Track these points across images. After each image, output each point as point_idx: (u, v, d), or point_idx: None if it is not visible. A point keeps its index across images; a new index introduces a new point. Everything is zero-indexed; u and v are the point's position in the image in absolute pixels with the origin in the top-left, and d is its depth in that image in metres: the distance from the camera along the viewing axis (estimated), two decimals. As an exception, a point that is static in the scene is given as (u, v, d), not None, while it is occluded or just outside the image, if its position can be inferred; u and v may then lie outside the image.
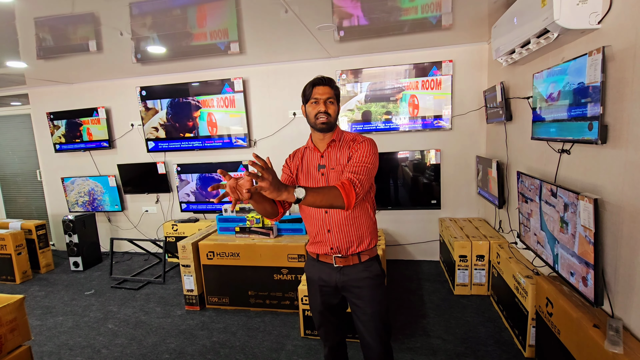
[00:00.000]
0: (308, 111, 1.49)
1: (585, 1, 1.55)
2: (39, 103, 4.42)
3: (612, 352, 1.28)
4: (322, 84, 1.46)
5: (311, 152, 1.54)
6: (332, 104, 1.46)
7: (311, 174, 1.51)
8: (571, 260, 1.60)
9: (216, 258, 2.86)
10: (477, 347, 2.24)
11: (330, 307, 1.56)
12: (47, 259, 4.02)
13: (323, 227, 1.48)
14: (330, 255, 1.49)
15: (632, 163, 1.37)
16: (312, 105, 1.46)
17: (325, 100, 1.44)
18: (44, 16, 2.19)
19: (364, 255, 1.49)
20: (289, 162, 1.61)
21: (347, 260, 1.48)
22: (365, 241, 1.49)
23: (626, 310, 1.43)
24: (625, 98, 1.39)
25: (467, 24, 2.77)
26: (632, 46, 1.35)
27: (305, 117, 1.52)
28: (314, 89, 1.46)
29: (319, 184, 1.49)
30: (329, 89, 1.46)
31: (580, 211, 1.49)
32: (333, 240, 1.47)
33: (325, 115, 1.43)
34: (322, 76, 1.50)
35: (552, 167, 1.98)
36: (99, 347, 2.47)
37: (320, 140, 1.52)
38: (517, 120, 2.55)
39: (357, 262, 1.48)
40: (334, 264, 1.48)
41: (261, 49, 3.21)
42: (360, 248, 1.48)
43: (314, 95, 1.45)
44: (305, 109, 1.51)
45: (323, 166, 1.49)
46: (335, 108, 1.48)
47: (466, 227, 3.24)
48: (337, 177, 1.44)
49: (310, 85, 1.48)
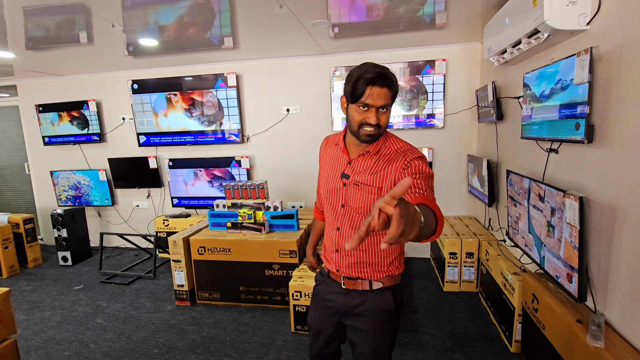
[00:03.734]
0: (351, 114, 1.13)
1: (575, 2, 1.57)
2: (28, 95, 4.34)
3: (593, 346, 1.31)
4: (381, 84, 1.07)
5: (339, 154, 1.26)
6: (386, 112, 1.12)
7: (330, 177, 1.27)
8: (556, 257, 1.63)
9: (207, 253, 2.85)
10: (464, 342, 2.28)
11: (325, 330, 1.34)
12: (35, 253, 3.96)
13: (332, 245, 1.29)
14: (339, 275, 1.28)
15: (616, 162, 1.40)
16: (360, 110, 1.11)
17: (379, 108, 1.09)
18: (33, 5, 2.15)
19: (376, 283, 1.23)
20: (322, 150, 1.38)
21: (356, 284, 1.24)
22: (380, 271, 1.23)
23: (608, 306, 1.47)
24: (611, 98, 1.42)
25: (460, 23, 2.79)
26: (619, 47, 1.37)
27: (345, 113, 1.18)
28: (368, 89, 1.07)
29: (336, 191, 1.24)
30: (388, 92, 1.09)
31: (566, 209, 1.52)
32: (339, 261, 1.26)
33: (375, 128, 1.11)
34: (382, 71, 1.07)
35: (540, 166, 2.01)
36: (87, 341, 2.45)
37: (354, 145, 1.21)
38: (507, 120, 2.58)
39: (367, 288, 1.23)
40: (342, 285, 1.27)
41: (255, 44, 3.19)
42: (376, 276, 1.23)
43: (366, 97, 1.08)
44: (348, 107, 1.15)
45: (347, 176, 1.21)
46: (388, 116, 1.15)
47: (456, 224, 3.27)
48: (361, 198, 1.17)
49: (364, 81, 1.07)
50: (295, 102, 3.76)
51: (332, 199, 1.26)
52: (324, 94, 3.66)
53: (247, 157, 3.84)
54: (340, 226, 1.24)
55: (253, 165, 3.95)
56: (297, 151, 3.83)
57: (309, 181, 3.80)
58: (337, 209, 1.25)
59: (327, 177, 1.29)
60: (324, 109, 3.68)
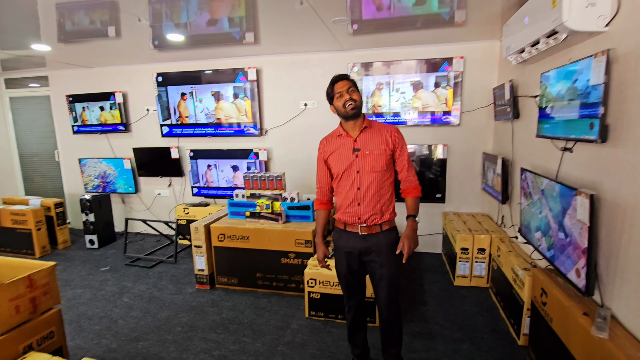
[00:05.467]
0: (337, 105, 1.73)
1: (594, 4, 1.60)
2: (59, 85, 4.56)
3: (598, 337, 1.37)
4: (339, 79, 1.73)
5: (343, 139, 1.78)
6: (354, 92, 1.71)
7: (343, 156, 1.76)
8: (566, 253, 1.69)
9: (227, 240, 2.99)
10: (473, 334, 2.35)
11: (353, 271, 1.84)
12: (65, 235, 4.20)
13: (355, 201, 1.75)
14: (357, 225, 1.75)
15: (629, 162, 1.44)
16: (338, 99, 1.71)
17: (347, 90, 1.69)
18: (66, 1, 2.27)
19: (385, 225, 1.76)
20: (325, 146, 1.84)
21: (370, 229, 1.75)
22: (387, 214, 1.77)
23: (615, 301, 1.52)
24: (626, 100, 1.46)
25: (480, 21, 2.81)
26: (636, 50, 1.41)
27: (336, 112, 1.76)
28: (334, 86, 1.72)
29: (351, 163, 1.74)
30: (347, 82, 1.72)
31: (577, 206, 1.57)
32: (361, 212, 1.74)
33: (351, 101, 1.68)
34: (336, 75, 1.77)
35: (554, 164, 2.05)
36: (116, 318, 2.63)
37: (351, 128, 1.76)
38: (523, 118, 2.61)
39: (379, 230, 1.75)
40: (360, 233, 1.75)
41: (275, 39, 3.29)
42: (383, 219, 1.75)
43: (336, 91, 1.71)
44: (334, 106, 1.75)
45: (358, 149, 1.73)
46: (358, 95, 1.72)
47: (469, 221, 3.32)
48: (374, 160, 1.72)
49: (330, 85, 1.75)
50: (312, 97, 3.84)
51: (348, 171, 1.75)
52: (341, 90, 3.72)
53: (264, 149, 3.96)
54: (360, 186, 1.74)
55: (270, 157, 4.07)
56: (314, 145, 3.86)
57: (325, 174, 3.89)
58: (354, 175, 1.74)
59: (340, 159, 1.77)
60: (341, 104, 3.75)
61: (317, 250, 1.91)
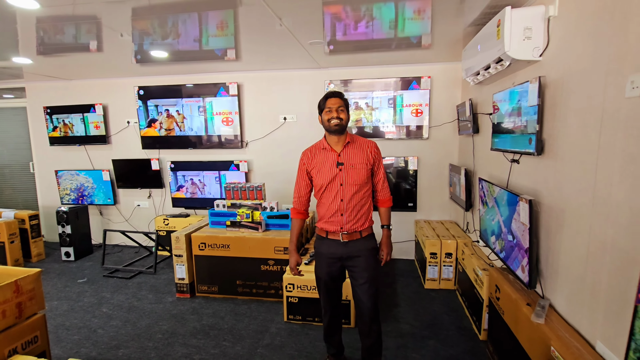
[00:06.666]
0: (323, 118, 1.86)
1: (530, 37, 1.88)
2: (36, 97, 4.54)
3: (536, 322, 1.58)
4: (333, 96, 1.85)
5: (327, 152, 1.89)
6: (343, 111, 1.84)
7: (326, 170, 1.86)
8: (514, 253, 1.92)
9: (207, 249, 3.08)
10: (440, 331, 2.54)
11: (333, 277, 1.95)
12: (39, 248, 4.13)
13: (338, 212, 1.86)
14: (338, 233, 1.87)
15: (558, 171, 1.69)
16: (327, 113, 1.84)
17: (337, 108, 1.82)
18: (47, 16, 2.29)
19: (364, 232, 1.90)
20: (309, 159, 1.94)
21: (351, 236, 1.87)
22: (367, 222, 1.91)
23: (553, 292, 1.75)
24: (556, 118, 1.72)
25: (443, 44, 3.11)
26: (561, 77, 1.68)
27: (322, 123, 1.90)
28: (327, 101, 1.85)
29: (335, 176, 1.85)
30: (340, 100, 1.85)
31: (520, 211, 1.81)
32: (344, 222, 1.86)
33: (337, 119, 1.81)
34: (333, 90, 1.92)
35: (506, 174, 2.31)
36: (95, 327, 2.65)
37: (335, 142, 1.89)
38: (482, 133, 2.89)
39: (359, 237, 1.88)
40: (341, 240, 1.87)
41: (256, 57, 3.47)
42: (363, 227, 1.89)
43: (327, 105, 1.84)
44: (321, 117, 1.88)
45: (341, 163, 1.85)
46: (346, 115, 1.85)
47: (438, 228, 3.56)
48: (357, 174, 1.85)
49: (324, 98, 1.88)
50: (292, 111, 4.03)
51: (332, 184, 1.86)
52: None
53: (245, 161, 4.09)
54: (343, 197, 1.85)
55: (251, 169, 4.20)
56: (293, 157, 4.07)
57: (303, 185, 4.05)
58: (337, 188, 1.86)
59: (324, 172, 1.87)
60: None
61: (290, 258, 2.00)
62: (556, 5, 1.74)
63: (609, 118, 1.33)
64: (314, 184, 1.94)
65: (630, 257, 1.21)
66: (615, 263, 1.30)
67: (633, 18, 1.22)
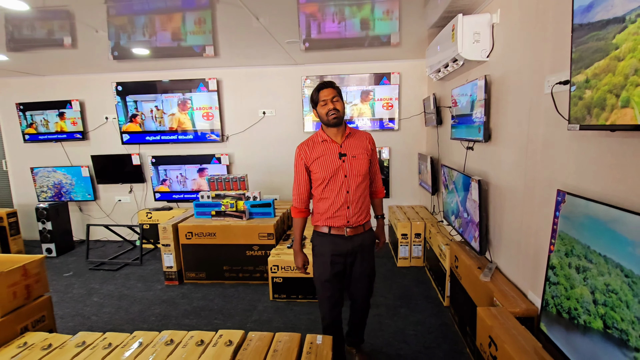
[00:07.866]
0: (320, 112, 1.75)
1: (479, 41, 2.19)
2: (7, 93, 4.46)
3: (484, 281, 1.90)
4: (325, 87, 1.74)
5: (327, 144, 1.79)
6: (338, 101, 1.74)
7: (329, 161, 1.76)
8: (469, 227, 2.24)
9: (194, 237, 3.25)
10: (410, 301, 2.86)
11: (337, 274, 1.84)
12: (19, 245, 4.12)
13: (345, 204, 1.77)
14: (343, 228, 1.79)
15: (501, 155, 2.01)
16: (322, 106, 1.73)
17: (332, 99, 1.72)
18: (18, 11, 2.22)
19: (367, 225, 1.86)
20: (307, 153, 1.80)
21: (355, 230, 1.81)
22: (368, 214, 1.88)
23: (498, 256, 2.08)
24: (499, 111, 2.04)
25: (410, 43, 3.39)
26: (503, 75, 1.99)
27: (318, 117, 1.78)
28: (319, 93, 1.73)
29: (338, 168, 1.76)
30: (332, 90, 1.74)
31: (471, 189, 2.13)
32: (350, 215, 1.78)
33: (335, 111, 1.72)
34: (324, 81, 1.84)
35: (462, 160, 2.63)
36: (88, 314, 2.77)
37: (335, 134, 1.79)
38: (444, 125, 3.21)
39: (362, 230, 1.84)
40: (346, 234, 1.80)
41: (234, 53, 3.62)
42: (365, 219, 1.85)
43: (321, 98, 1.73)
44: (317, 111, 1.77)
45: (344, 154, 1.77)
46: (341, 104, 1.75)
47: (409, 212, 3.89)
48: (360, 165, 1.78)
49: (315, 91, 1.75)
50: (270, 106, 4.22)
51: (336, 176, 1.76)
52: (296, 100, 4.15)
53: (226, 154, 4.24)
54: (348, 189, 1.77)
55: (232, 162, 4.36)
56: (273, 149, 4.29)
57: (284, 176, 4.27)
58: (341, 180, 1.77)
59: (325, 164, 1.77)
60: (296, 112, 4.18)
61: (296, 258, 1.88)
62: (498, 13, 2.04)
63: (534, 110, 1.64)
64: (314, 178, 1.80)
65: (548, 221, 1.54)
66: (538, 228, 1.62)
67: (549, 27, 1.52)
